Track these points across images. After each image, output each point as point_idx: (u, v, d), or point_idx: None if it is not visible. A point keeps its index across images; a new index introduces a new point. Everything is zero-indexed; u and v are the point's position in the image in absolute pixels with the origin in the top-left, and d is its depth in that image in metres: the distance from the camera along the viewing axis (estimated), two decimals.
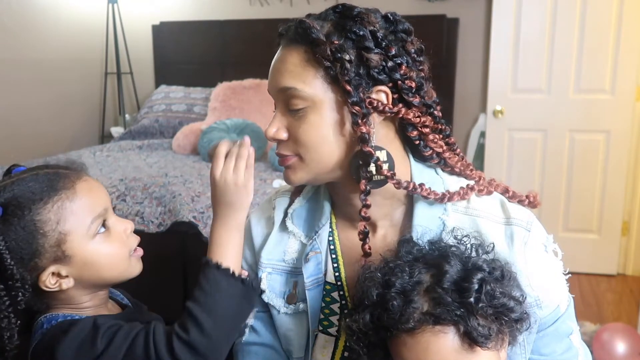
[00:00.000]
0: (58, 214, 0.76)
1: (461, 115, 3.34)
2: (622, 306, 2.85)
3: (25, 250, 0.75)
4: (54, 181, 0.78)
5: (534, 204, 0.89)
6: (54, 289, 0.78)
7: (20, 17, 3.23)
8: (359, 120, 0.78)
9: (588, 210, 3.19)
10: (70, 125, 3.63)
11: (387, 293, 0.71)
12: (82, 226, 0.78)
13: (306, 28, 0.79)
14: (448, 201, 0.84)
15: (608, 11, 2.98)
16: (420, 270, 0.73)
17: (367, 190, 0.81)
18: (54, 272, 0.78)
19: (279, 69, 0.82)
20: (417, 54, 0.83)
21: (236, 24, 3.60)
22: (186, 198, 1.98)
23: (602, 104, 3.07)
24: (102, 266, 0.80)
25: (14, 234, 0.74)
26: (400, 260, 0.76)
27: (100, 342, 0.74)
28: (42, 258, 0.76)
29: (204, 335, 0.74)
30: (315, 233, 0.91)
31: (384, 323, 0.71)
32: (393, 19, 0.82)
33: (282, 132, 0.83)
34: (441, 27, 3.19)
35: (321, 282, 0.89)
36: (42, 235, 0.75)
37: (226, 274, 0.79)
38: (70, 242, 0.77)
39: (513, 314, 0.71)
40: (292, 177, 0.85)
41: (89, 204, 0.79)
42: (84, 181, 0.81)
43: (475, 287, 0.69)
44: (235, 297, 0.78)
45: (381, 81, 0.80)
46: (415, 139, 0.85)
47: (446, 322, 0.68)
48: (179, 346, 0.74)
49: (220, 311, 0.76)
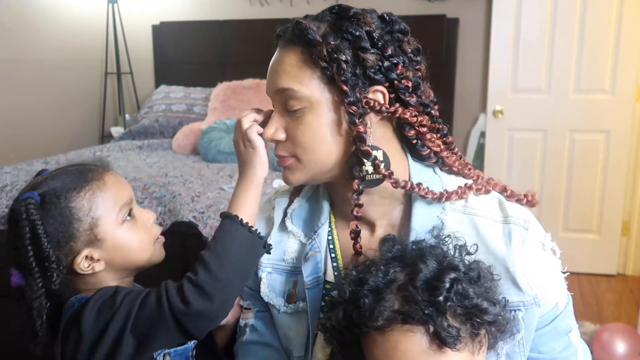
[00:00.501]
0: (90, 202, 0.85)
1: (461, 115, 3.34)
2: (622, 306, 2.86)
3: (61, 234, 0.83)
4: (84, 174, 0.88)
5: (532, 203, 0.89)
6: (88, 271, 0.86)
7: (20, 17, 3.23)
8: (355, 120, 0.79)
9: (588, 210, 3.19)
10: (70, 125, 3.63)
11: (359, 290, 0.71)
12: (111, 213, 0.87)
13: (302, 29, 0.79)
14: (446, 200, 0.84)
15: (608, 11, 2.98)
16: (395, 269, 0.72)
17: (360, 190, 0.82)
18: (87, 256, 0.85)
19: (276, 70, 0.83)
20: (413, 53, 0.83)
21: (236, 24, 3.60)
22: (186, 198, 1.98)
23: (602, 104, 3.07)
24: (130, 250, 0.89)
25: (52, 220, 0.83)
26: (377, 259, 0.75)
27: (118, 300, 0.81)
28: (77, 241, 0.84)
29: (211, 275, 0.79)
30: (315, 233, 0.91)
31: (355, 321, 0.70)
32: (389, 19, 0.83)
33: (280, 132, 0.84)
34: (441, 27, 3.19)
35: (321, 282, 0.89)
36: (76, 220, 0.84)
37: (235, 221, 0.84)
38: (102, 227, 0.86)
39: (486, 315, 0.70)
40: (290, 178, 0.86)
41: (117, 194, 0.88)
42: (111, 174, 0.91)
43: (446, 286, 0.68)
44: (243, 243, 0.83)
45: (378, 81, 0.80)
46: (412, 138, 0.85)
47: (414, 321, 0.67)
48: (189, 287, 0.79)
49: (227, 255, 0.81)
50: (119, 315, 0.80)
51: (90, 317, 0.81)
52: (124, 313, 0.80)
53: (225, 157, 2.77)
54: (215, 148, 2.81)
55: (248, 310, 0.97)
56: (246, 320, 0.96)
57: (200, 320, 0.81)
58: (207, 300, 0.79)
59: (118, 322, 0.79)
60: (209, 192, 2.07)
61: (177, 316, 0.79)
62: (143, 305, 0.80)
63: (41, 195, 0.84)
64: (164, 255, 0.95)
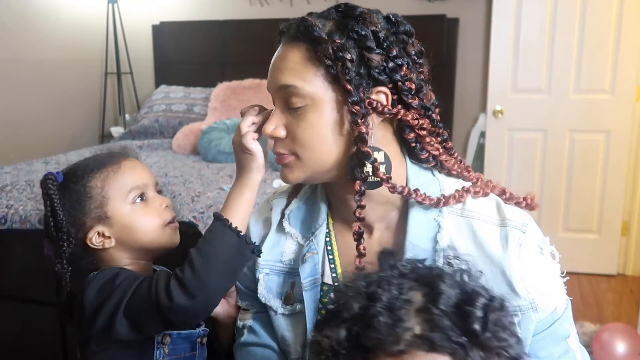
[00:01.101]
0: (103, 182, 0.95)
1: (461, 115, 3.34)
2: (622, 306, 2.85)
3: (76, 209, 0.93)
4: (105, 158, 0.98)
5: (532, 206, 0.88)
6: (99, 246, 0.95)
7: (20, 17, 3.23)
8: (358, 120, 0.78)
9: (588, 210, 3.19)
10: (70, 125, 3.63)
11: (371, 307, 0.61)
12: (121, 193, 0.95)
13: (308, 26, 0.79)
14: (444, 206, 0.84)
15: (608, 11, 2.97)
16: (411, 287, 0.63)
17: (362, 191, 0.81)
18: (99, 232, 0.95)
19: (279, 66, 0.82)
20: (417, 56, 0.83)
21: (236, 24, 3.60)
22: (186, 198, 1.98)
23: (602, 104, 3.07)
24: (137, 230, 0.95)
25: (69, 196, 0.94)
26: (387, 274, 0.66)
27: (117, 282, 0.88)
28: (89, 217, 0.94)
29: (194, 275, 0.82)
30: (312, 234, 0.91)
31: (364, 342, 0.60)
32: (395, 20, 0.82)
33: (280, 129, 0.83)
34: (441, 27, 3.19)
35: (318, 283, 0.89)
36: (89, 197, 0.94)
37: (224, 224, 0.86)
38: (111, 205, 0.94)
39: (512, 350, 0.61)
40: (288, 176, 0.85)
41: (130, 178, 0.97)
42: (130, 161, 0.99)
43: (479, 314, 0.60)
44: (229, 247, 0.85)
45: (381, 82, 0.80)
46: (411, 141, 0.84)
47: (443, 349, 0.58)
48: (174, 283, 0.83)
49: (212, 256, 0.84)
50: (114, 297, 0.86)
51: (91, 294, 0.89)
52: (118, 296, 0.86)
53: (226, 157, 2.77)
54: (215, 148, 2.82)
55: (246, 311, 0.97)
56: (244, 321, 0.96)
57: (181, 315, 0.84)
58: (189, 297, 0.82)
59: (112, 303, 0.86)
60: (209, 192, 2.07)
61: (161, 308, 0.83)
62: (136, 291, 0.86)
63: (64, 174, 0.96)
64: (177, 240, 1.00)
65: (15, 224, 1.88)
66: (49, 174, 0.94)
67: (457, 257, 0.70)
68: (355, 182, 0.81)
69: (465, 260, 0.70)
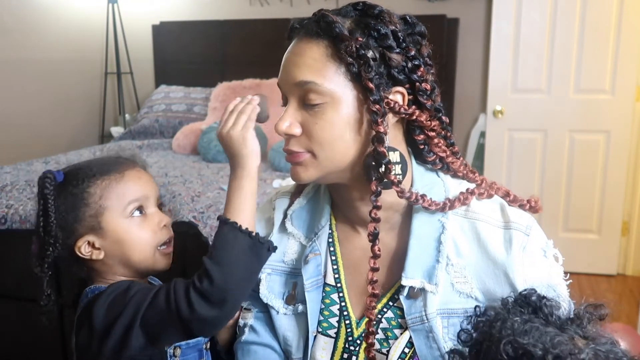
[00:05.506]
0: (103, 190, 0.88)
1: (461, 115, 3.34)
2: (622, 306, 2.85)
3: (69, 215, 0.87)
4: (109, 164, 0.92)
5: (535, 208, 0.88)
6: (87, 256, 0.88)
7: (20, 17, 3.23)
8: (378, 120, 0.77)
9: (588, 211, 3.19)
10: (70, 125, 3.63)
11: None
12: (119, 205, 0.89)
13: (330, 22, 0.78)
14: (449, 209, 0.84)
15: (608, 11, 2.98)
16: (568, 337, 0.65)
17: (378, 192, 0.80)
18: (89, 242, 0.88)
19: (296, 62, 0.80)
20: (429, 57, 0.83)
21: (236, 24, 3.60)
22: (186, 198, 1.98)
23: (602, 104, 3.07)
24: (129, 247, 0.89)
25: (64, 199, 0.87)
26: (532, 320, 0.66)
27: (129, 295, 0.83)
28: (81, 225, 0.88)
29: (214, 285, 0.79)
30: (315, 235, 0.91)
31: None
32: (411, 21, 0.83)
33: (295, 127, 0.81)
34: (441, 27, 3.19)
35: (320, 284, 0.89)
36: (85, 204, 0.87)
37: (233, 228, 0.82)
38: (107, 217, 0.88)
39: None
40: (302, 175, 0.83)
41: (131, 189, 0.90)
42: (135, 170, 0.93)
43: None
44: (243, 249, 0.82)
45: (400, 81, 0.80)
46: (420, 142, 0.84)
47: None
48: (194, 295, 0.79)
49: (228, 262, 0.80)
50: (128, 311, 0.81)
51: (101, 310, 0.83)
52: (133, 309, 0.81)
53: (225, 157, 2.76)
54: (215, 148, 2.82)
55: (247, 311, 0.97)
56: (245, 320, 0.96)
57: (205, 325, 0.82)
58: (212, 307, 0.80)
59: (126, 317, 0.81)
60: (209, 192, 2.07)
61: (183, 319, 0.80)
62: (153, 303, 0.81)
63: (65, 174, 0.89)
64: (166, 265, 0.93)
65: (15, 224, 1.88)
66: (48, 172, 0.88)
67: (545, 297, 0.70)
68: (372, 182, 0.80)
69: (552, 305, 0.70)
